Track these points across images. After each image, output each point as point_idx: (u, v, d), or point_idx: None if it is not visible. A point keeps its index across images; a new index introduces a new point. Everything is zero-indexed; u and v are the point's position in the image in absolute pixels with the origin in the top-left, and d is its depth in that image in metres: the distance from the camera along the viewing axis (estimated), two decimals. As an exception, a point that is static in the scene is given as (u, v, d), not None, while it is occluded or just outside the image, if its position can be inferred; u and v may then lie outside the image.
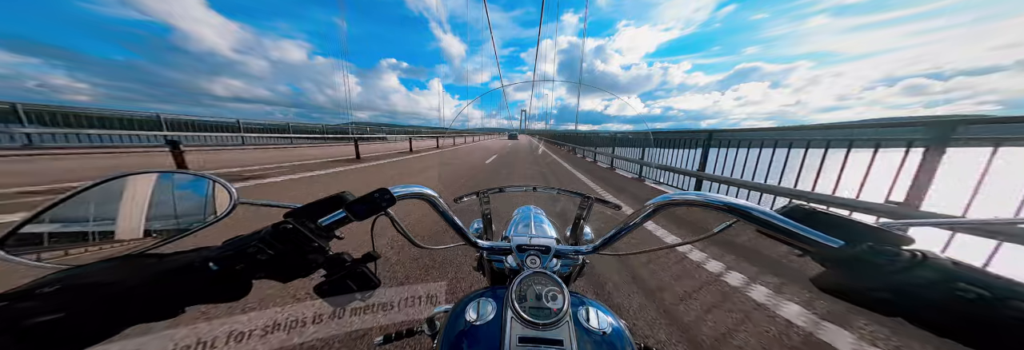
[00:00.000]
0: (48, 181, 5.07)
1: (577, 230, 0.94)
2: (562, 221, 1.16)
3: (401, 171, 8.51)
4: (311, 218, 0.46)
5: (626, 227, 0.62)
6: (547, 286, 0.53)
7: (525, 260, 0.64)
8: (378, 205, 0.48)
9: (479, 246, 0.69)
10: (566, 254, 0.68)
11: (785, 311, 1.86)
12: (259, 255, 0.40)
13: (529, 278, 0.54)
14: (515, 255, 0.66)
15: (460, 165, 10.28)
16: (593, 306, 0.53)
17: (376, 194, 0.48)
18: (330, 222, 0.47)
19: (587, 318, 0.50)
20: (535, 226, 0.98)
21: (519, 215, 1.11)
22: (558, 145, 24.73)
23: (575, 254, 0.69)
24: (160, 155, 9.90)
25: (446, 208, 0.63)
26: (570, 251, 0.68)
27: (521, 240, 0.70)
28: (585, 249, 0.68)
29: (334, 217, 0.47)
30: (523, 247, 0.67)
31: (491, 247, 0.70)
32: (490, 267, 0.75)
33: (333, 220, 0.47)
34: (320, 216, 0.46)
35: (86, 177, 5.35)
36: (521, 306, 0.49)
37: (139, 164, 8.31)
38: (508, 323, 0.47)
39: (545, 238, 0.72)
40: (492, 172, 8.48)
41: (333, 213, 0.47)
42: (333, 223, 0.47)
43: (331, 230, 0.48)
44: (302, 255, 0.43)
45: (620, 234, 0.63)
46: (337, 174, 7.45)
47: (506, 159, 12.73)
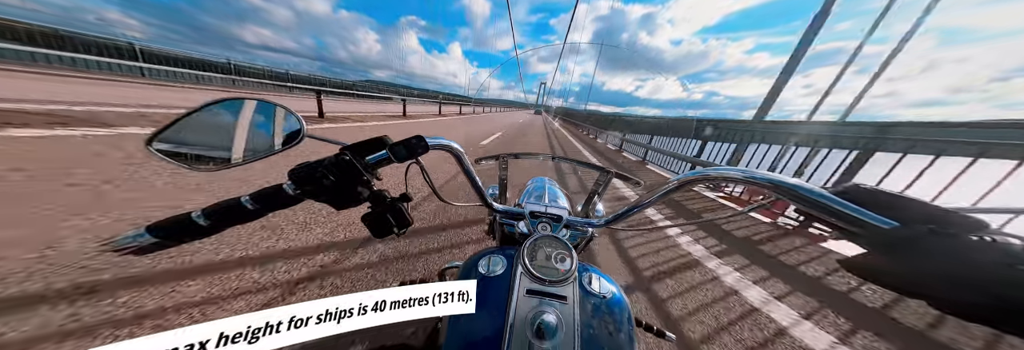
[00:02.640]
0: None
1: (589, 204, 0.93)
2: (575, 198, 1.18)
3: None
4: (360, 155, 0.51)
5: (643, 203, 0.62)
6: (557, 249, 0.55)
7: (537, 226, 0.66)
8: (414, 150, 0.51)
9: (494, 208, 0.72)
10: (577, 225, 0.69)
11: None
12: (324, 180, 0.47)
13: (541, 240, 0.57)
14: (527, 221, 0.68)
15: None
16: (597, 273, 0.55)
17: (413, 140, 0.51)
18: (375, 160, 0.52)
19: (590, 282, 0.51)
20: (549, 196, 1.00)
21: (533, 185, 1.13)
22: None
23: (585, 226, 0.69)
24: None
25: (470, 166, 0.65)
26: (581, 222, 0.69)
27: (534, 207, 0.71)
28: (596, 222, 0.69)
29: (379, 156, 0.52)
30: (536, 213, 0.69)
31: (505, 211, 0.72)
32: (501, 230, 0.77)
33: (378, 158, 0.52)
34: (367, 154, 0.52)
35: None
36: (532, 264, 0.52)
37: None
38: (518, 277, 0.50)
39: (558, 208, 0.72)
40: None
41: (378, 152, 0.52)
42: (377, 162, 0.53)
43: (375, 168, 0.53)
44: (353, 186, 0.50)
45: (635, 210, 0.63)
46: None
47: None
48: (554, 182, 1.20)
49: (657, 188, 0.59)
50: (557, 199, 1.00)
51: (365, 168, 0.50)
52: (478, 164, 0.92)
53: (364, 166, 0.50)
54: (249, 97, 0.55)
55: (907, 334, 1.75)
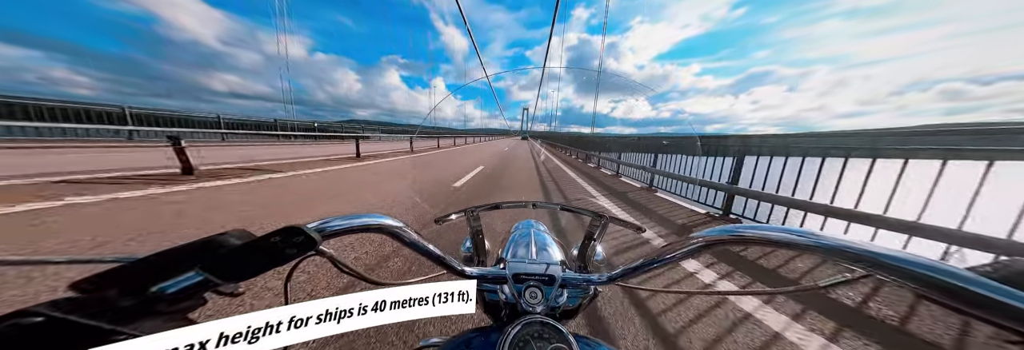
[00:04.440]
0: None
1: (587, 250, 0.79)
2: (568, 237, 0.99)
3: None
4: (136, 285, 0.29)
5: (658, 260, 0.49)
6: (551, 342, 0.42)
7: (524, 293, 0.53)
8: (277, 255, 0.33)
9: (466, 275, 0.57)
10: (575, 283, 0.57)
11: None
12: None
13: (527, 329, 0.44)
14: (511, 286, 0.55)
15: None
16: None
17: (276, 237, 0.33)
18: (176, 290, 0.30)
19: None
20: (536, 246, 0.86)
21: (518, 232, 0.99)
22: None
23: (586, 284, 0.57)
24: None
25: (416, 238, 0.51)
26: (579, 280, 0.57)
27: (519, 267, 0.58)
28: (598, 278, 0.57)
29: (181, 282, 0.30)
30: (521, 276, 0.56)
31: (482, 275, 0.57)
32: (482, 298, 0.65)
33: (180, 287, 0.30)
34: (157, 280, 0.30)
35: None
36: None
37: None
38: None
39: (548, 263, 0.61)
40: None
41: (179, 277, 0.30)
42: (181, 291, 0.30)
43: (183, 301, 0.31)
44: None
45: (648, 267, 0.50)
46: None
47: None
48: (542, 226, 1.05)
49: (678, 244, 0.46)
50: (547, 248, 0.86)
51: (132, 315, 0.27)
52: (438, 224, 0.82)
53: (133, 311, 0.28)
54: None
55: None
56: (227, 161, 8.27)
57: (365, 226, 0.44)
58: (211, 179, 5.86)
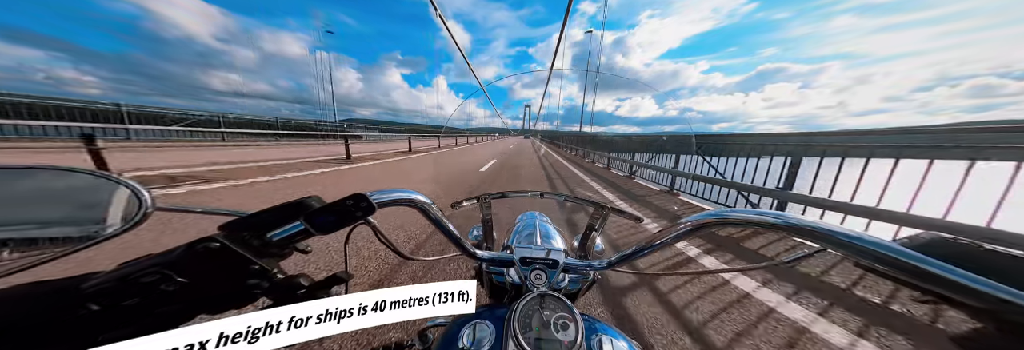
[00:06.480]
0: None
1: (587, 241, 0.84)
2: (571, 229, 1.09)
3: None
4: (257, 232, 0.38)
5: (652, 245, 0.53)
6: (556, 312, 0.45)
7: (529, 275, 0.57)
8: (350, 215, 0.40)
9: (478, 257, 0.62)
10: (576, 268, 0.60)
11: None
12: (163, 284, 0.30)
13: (534, 301, 0.47)
14: (518, 268, 0.59)
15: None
16: (608, 333, 0.45)
17: (350, 201, 0.40)
18: (282, 237, 0.39)
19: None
20: (541, 235, 0.91)
21: (523, 222, 1.05)
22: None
23: (586, 269, 0.61)
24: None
25: (439, 216, 0.55)
26: (581, 265, 0.61)
27: (525, 251, 0.62)
28: (598, 264, 0.60)
29: (288, 231, 0.39)
30: (527, 260, 0.59)
31: (491, 258, 0.62)
32: (489, 280, 0.69)
33: (285, 235, 0.39)
34: (270, 229, 0.38)
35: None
36: (525, 337, 0.41)
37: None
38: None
39: (552, 249, 0.64)
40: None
41: (287, 226, 0.38)
42: (285, 238, 0.39)
43: (285, 246, 0.39)
44: (238, 280, 0.35)
45: (643, 252, 0.54)
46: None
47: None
48: (546, 217, 1.10)
49: (670, 229, 0.50)
50: (551, 238, 0.92)
51: (260, 252, 0.37)
52: (455, 208, 0.86)
53: (259, 249, 0.37)
54: (34, 167, 0.35)
55: None
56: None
57: (403, 199, 0.49)
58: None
